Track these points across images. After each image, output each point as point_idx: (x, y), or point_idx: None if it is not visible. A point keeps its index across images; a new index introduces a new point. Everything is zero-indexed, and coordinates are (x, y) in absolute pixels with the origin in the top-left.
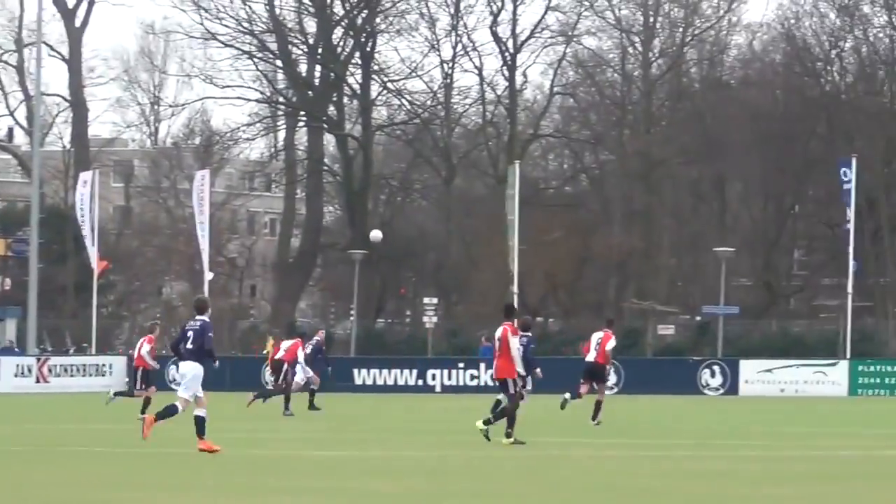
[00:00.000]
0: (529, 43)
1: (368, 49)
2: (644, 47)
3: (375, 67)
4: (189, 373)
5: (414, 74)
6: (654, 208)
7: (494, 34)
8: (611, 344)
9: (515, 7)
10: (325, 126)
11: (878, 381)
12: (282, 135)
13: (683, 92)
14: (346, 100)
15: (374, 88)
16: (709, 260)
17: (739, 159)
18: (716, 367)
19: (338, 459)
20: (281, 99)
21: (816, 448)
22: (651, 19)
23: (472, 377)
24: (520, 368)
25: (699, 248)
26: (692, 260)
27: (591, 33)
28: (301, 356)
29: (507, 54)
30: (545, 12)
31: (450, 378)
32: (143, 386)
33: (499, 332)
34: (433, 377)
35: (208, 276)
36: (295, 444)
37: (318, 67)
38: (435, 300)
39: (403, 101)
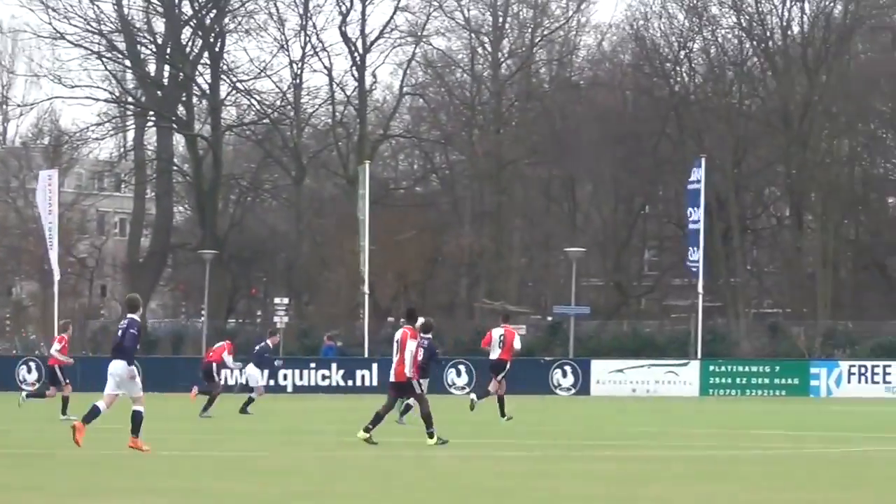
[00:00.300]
0: (378, 43)
1: (217, 49)
2: (493, 48)
3: (224, 67)
4: (118, 372)
5: (263, 74)
6: (505, 208)
7: (343, 34)
8: (517, 342)
9: (364, 7)
10: (175, 126)
11: (729, 381)
12: (131, 134)
13: (533, 92)
14: (195, 100)
15: (224, 88)
16: (560, 260)
17: (589, 160)
18: (567, 368)
19: (190, 459)
20: (130, 99)
21: (668, 448)
22: (500, 20)
23: (324, 377)
24: (408, 372)
25: (550, 248)
26: (543, 260)
27: (441, 34)
28: (228, 358)
29: (356, 54)
30: (394, 12)
31: (301, 378)
32: (55, 384)
33: (398, 335)
34: (284, 377)
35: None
36: (147, 444)
37: (166, 67)
38: (286, 300)
39: (253, 101)
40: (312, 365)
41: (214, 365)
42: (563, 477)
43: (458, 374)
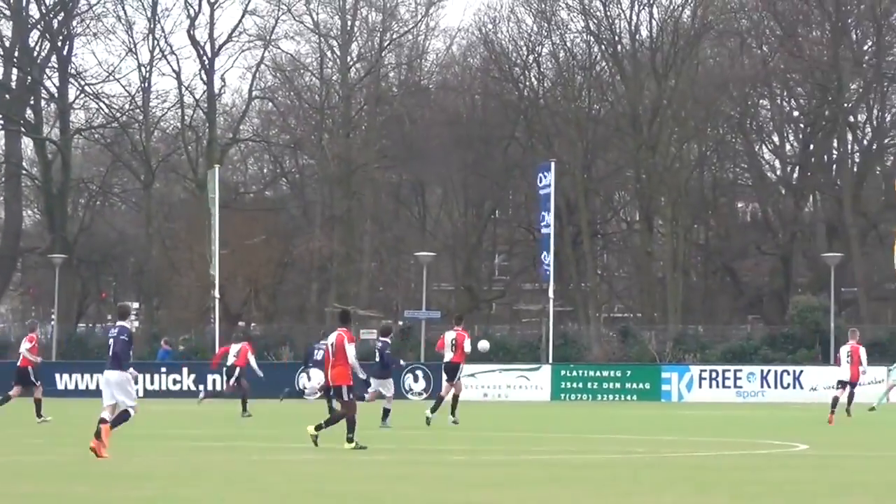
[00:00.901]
0: (227, 47)
1: (65, 52)
2: (342, 51)
3: (73, 71)
4: (113, 380)
5: (112, 78)
6: (355, 212)
7: (192, 38)
8: (468, 344)
9: (213, 11)
10: (23, 129)
11: (580, 385)
12: None
13: (382, 96)
14: (43, 103)
15: (72, 92)
16: (410, 264)
17: (439, 164)
18: (419, 372)
19: (37, 464)
20: None
21: (519, 452)
22: (349, 24)
23: (175, 381)
24: (361, 374)
25: (400, 252)
26: (394, 264)
27: (289, 37)
28: (252, 360)
29: (205, 58)
30: (242, 16)
31: (153, 383)
32: (24, 385)
33: (332, 338)
34: (136, 381)
35: None
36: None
37: (14, 70)
38: (136, 304)
39: (101, 104)
40: (163, 369)
41: (239, 369)
42: (419, 481)
43: (310, 379)
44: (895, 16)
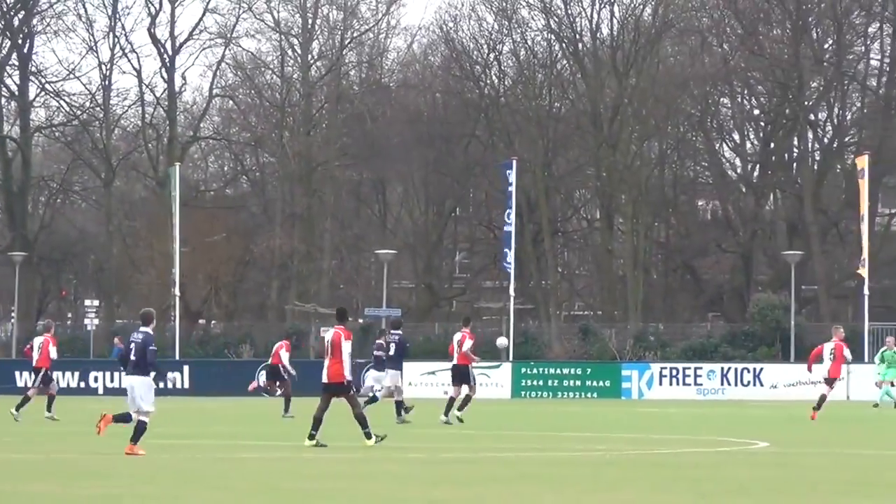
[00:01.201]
0: (188, 45)
1: (26, 50)
2: (303, 49)
3: (33, 69)
4: (135, 384)
5: (72, 76)
6: (315, 210)
7: (153, 36)
8: (467, 344)
9: (173, 9)
10: None
11: (540, 383)
12: None
13: (343, 94)
14: (3, 101)
15: (33, 90)
16: (371, 262)
17: (400, 162)
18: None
19: (1, 462)
20: None
21: (480, 450)
22: (310, 22)
23: None
24: (347, 374)
25: (361, 250)
26: (354, 262)
27: (250, 35)
28: (285, 358)
29: (165, 56)
30: (203, 14)
31: (112, 380)
32: (42, 384)
33: (329, 336)
34: (95, 379)
35: None
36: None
37: None
38: (96, 302)
39: (62, 102)
40: (122, 367)
41: (280, 367)
42: (379, 479)
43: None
44: (855, 14)
